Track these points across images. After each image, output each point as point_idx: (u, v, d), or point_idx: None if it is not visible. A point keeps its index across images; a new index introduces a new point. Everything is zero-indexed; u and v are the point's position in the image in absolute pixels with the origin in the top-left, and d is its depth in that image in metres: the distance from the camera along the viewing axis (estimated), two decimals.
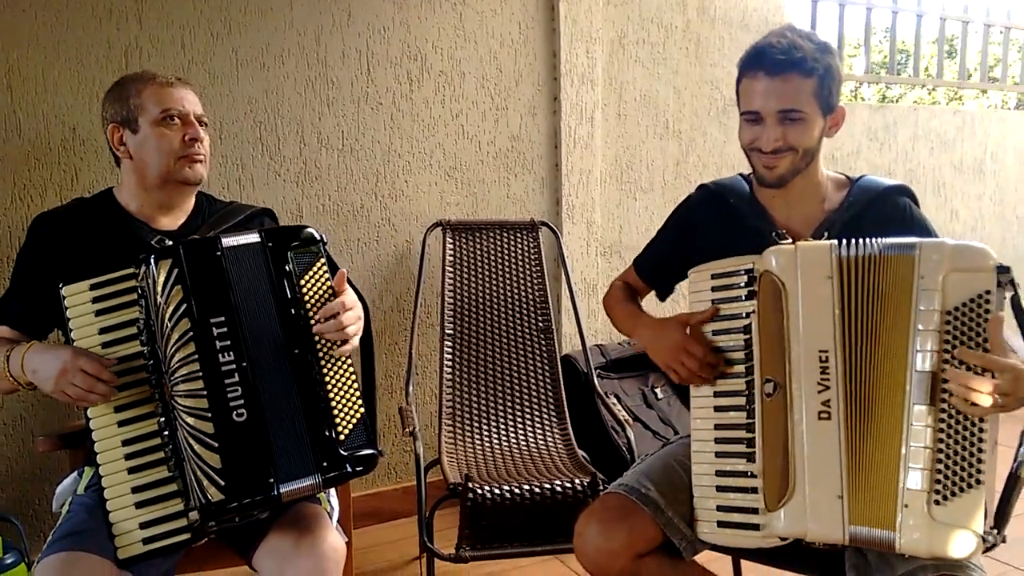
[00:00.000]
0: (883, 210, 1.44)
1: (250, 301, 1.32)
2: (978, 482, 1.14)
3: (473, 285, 2.38)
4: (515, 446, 2.19)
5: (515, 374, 2.32)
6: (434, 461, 2.08)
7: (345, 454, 1.33)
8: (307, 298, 1.36)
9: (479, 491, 1.76)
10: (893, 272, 1.22)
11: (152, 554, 1.26)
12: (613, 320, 1.67)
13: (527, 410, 2.28)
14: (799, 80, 1.34)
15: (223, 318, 1.28)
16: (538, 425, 2.25)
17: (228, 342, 1.27)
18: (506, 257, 2.44)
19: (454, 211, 2.55)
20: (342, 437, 1.34)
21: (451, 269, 2.37)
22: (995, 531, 1.18)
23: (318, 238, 1.39)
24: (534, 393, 2.30)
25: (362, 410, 1.39)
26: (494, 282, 2.40)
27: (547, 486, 1.80)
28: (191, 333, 1.26)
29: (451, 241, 2.40)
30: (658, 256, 1.65)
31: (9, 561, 1.74)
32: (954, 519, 1.15)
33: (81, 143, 2.02)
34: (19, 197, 1.97)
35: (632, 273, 1.70)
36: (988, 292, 1.15)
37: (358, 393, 1.39)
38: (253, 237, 1.34)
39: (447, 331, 2.30)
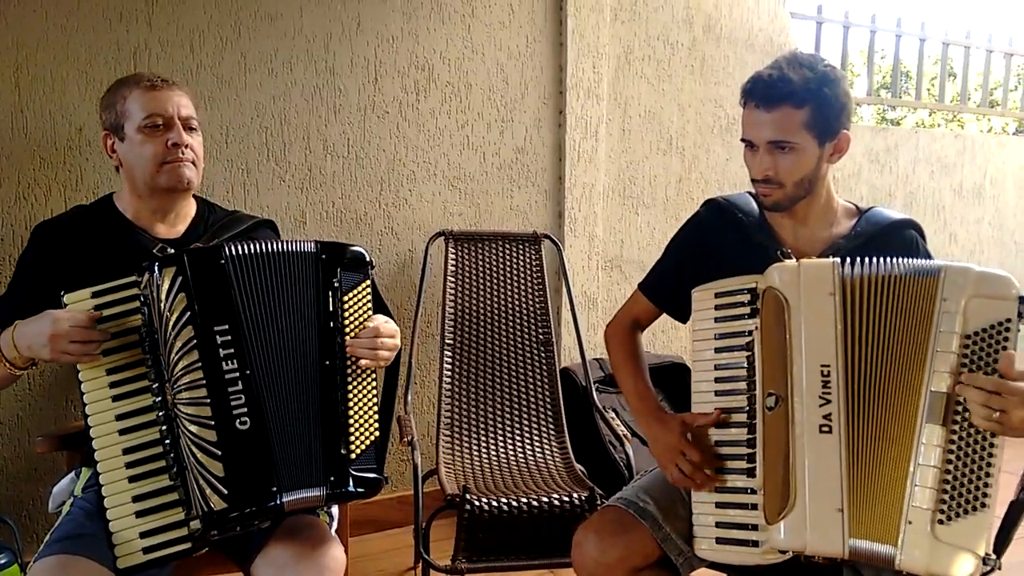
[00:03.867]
0: (890, 242, 1.45)
1: (270, 309, 1.32)
2: (983, 505, 1.16)
3: (474, 296, 2.38)
4: (513, 458, 2.18)
5: (514, 386, 2.32)
6: (431, 471, 2.08)
7: (353, 473, 1.34)
8: (347, 315, 1.38)
9: (476, 503, 1.75)
10: (911, 293, 1.24)
11: (152, 563, 1.24)
12: (617, 379, 1.64)
13: (525, 422, 2.28)
14: (790, 111, 1.36)
15: (227, 326, 1.27)
16: (536, 438, 2.25)
17: (232, 350, 1.27)
18: (508, 269, 2.45)
19: (457, 221, 2.55)
20: (353, 456, 1.35)
21: (452, 279, 2.37)
22: (993, 556, 1.19)
23: (368, 260, 1.42)
24: (533, 405, 2.30)
25: (377, 433, 1.40)
26: (495, 293, 2.40)
27: (544, 499, 1.80)
28: (195, 341, 1.25)
29: (453, 251, 2.40)
30: (668, 275, 1.62)
31: (2, 561, 1.72)
32: (956, 540, 1.16)
33: (87, 143, 2.02)
34: (23, 196, 1.96)
35: (638, 301, 1.65)
36: (1008, 320, 1.17)
37: (376, 416, 1.40)
38: (309, 246, 1.37)
39: (447, 341, 2.30)
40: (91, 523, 1.30)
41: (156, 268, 1.26)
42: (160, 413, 1.28)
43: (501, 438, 2.23)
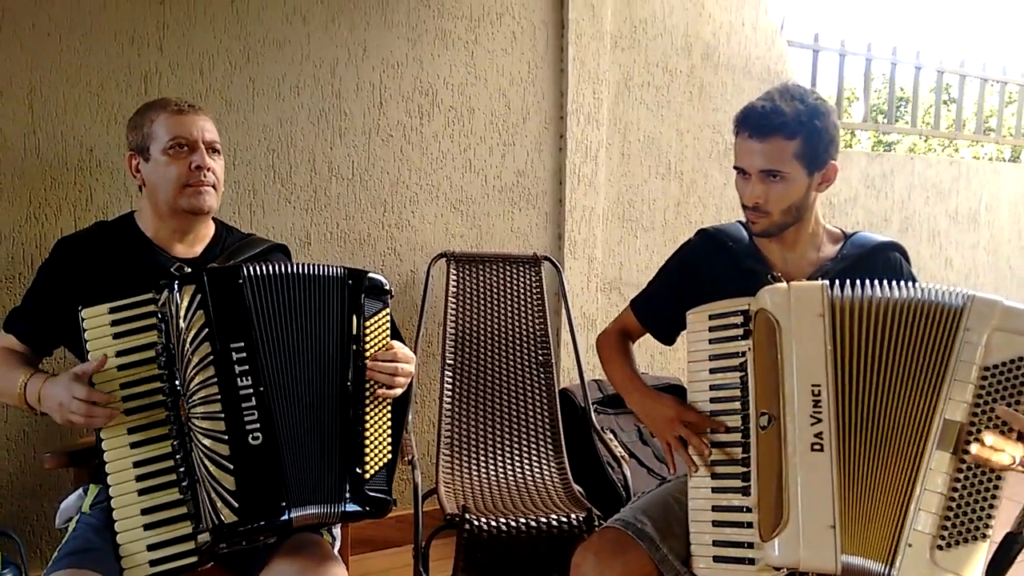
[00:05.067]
0: (875, 264, 1.50)
1: (289, 329, 1.36)
2: (984, 536, 1.17)
3: (475, 316, 2.41)
4: (512, 478, 2.20)
5: (514, 406, 2.34)
6: (431, 490, 2.09)
7: (366, 493, 1.37)
8: (368, 339, 1.42)
9: (476, 522, 1.77)
10: (923, 319, 1.26)
11: None
12: (607, 374, 1.70)
13: (525, 442, 2.30)
14: (781, 142, 1.41)
15: (242, 343, 1.31)
16: (535, 458, 2.27)
17: (247, 367, 1.30)
18: (508, 290, 2.48)
19: (458, 243, 2.59)
20: (367, 476, 1.38)
21: (454, 300, 2.41)
22: None
23: (388, 289, 1.46)
24: (532, 426, 2.32)
25: (390, 456, 1.43)
26: (495, 314, 2.43)
27: (543, 520, 1.82)
28: (211, 357, 1.28)
29: (455, 272, 2.44)
30: (657, 300, 1.69)
31: None
32: (953, 566, 1.18)
33: (97, 164, 2.06)
34: (34, 215, 2.00)
35: (629, 316, 1.72)
36: None
37: (390, 439, 1.44)
38: (337, 271, 1.42)
39: (448, 361, 2.32)
40: (98, 538, 1.32)
41: (175, 286, 1.29)
42: (173, 427, 1.30)
43: (501, 458, 2.25)
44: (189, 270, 1.39)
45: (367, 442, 1.39)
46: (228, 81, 2.20)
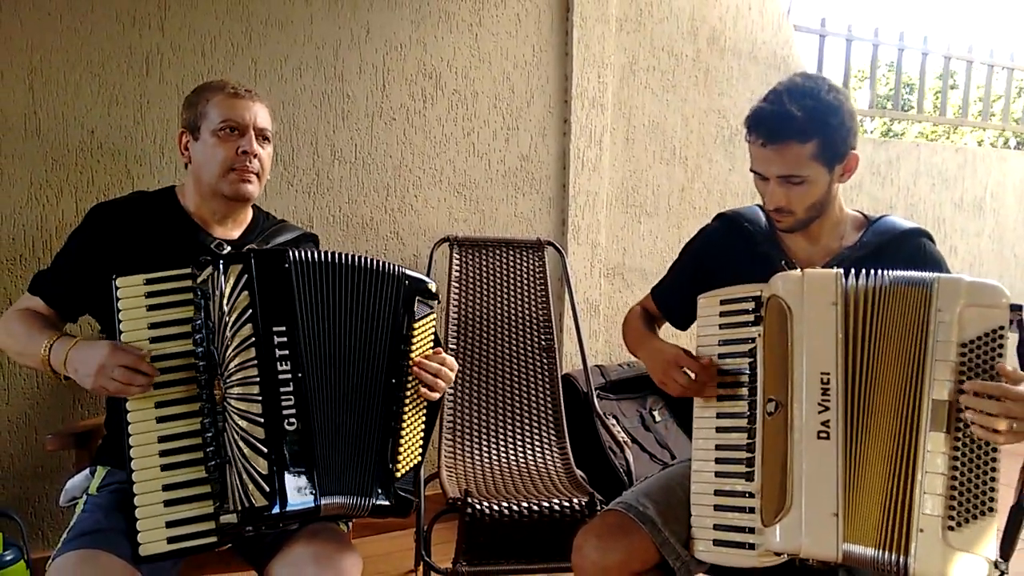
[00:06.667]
0: (898, 252, 1.46)
1: (333, 318, 1.35)
2: (991, 510, 1.17)
3: (477, 301, 2.41)
4: (514, 463, 2.20)
5: (516, 391, 2.34)
6: (433, 474, 2.10)
7: (396, 491, 1.37)
8: (414, 341, 1.42)
9: (478, 507, 1.77)
10: (905, 303, 1.26)
11: (175, 554, 1.24)
12: (625, 341, 1.70)
13: (527, 427, 2.30)
14: (796, 147, 1.37)
15: (284, 328, 1.29)
16: (537, 443, 2.27)
17: (287, 352, 1.28)
18: (511, 275, 2.47)
19: (461, 227, 2.58)
20: (398, 474, 1.38)
21: (456, 284, 2.40)
22: (1003, 562, 1.21)
23: (436, 294, 1.47)
24: (534, 411, 2.32)
25: (420, 457, 1.43)
26: (498, 299, 2.43)
27: (545, 504, 1.82)
28: (253, 339, 1.26)
29: (457, 257, 2.43)
30: (674, 286, 1.68)
31: (9, 558, 1.74)
32: (967, 545, 1.17)
33: (99, 146, 2.04)
34: (35, 197, 1.99)
35: (649, 301, 1.73)
36: (1001, 328, 1.19)
37: (422, 441, 1.44)
38: (394, 268, 1.42)
39: (450, 346, 2.32)
40: (107, 519, 1.30)
41: (221, 264, 1.27)
42: (206, 405, 1.28)
43: (503, 442, 2.25)
44: (229, 249, 1.37)
45: (402, 441, 1.39)
46: (230, 63, 2.19)
